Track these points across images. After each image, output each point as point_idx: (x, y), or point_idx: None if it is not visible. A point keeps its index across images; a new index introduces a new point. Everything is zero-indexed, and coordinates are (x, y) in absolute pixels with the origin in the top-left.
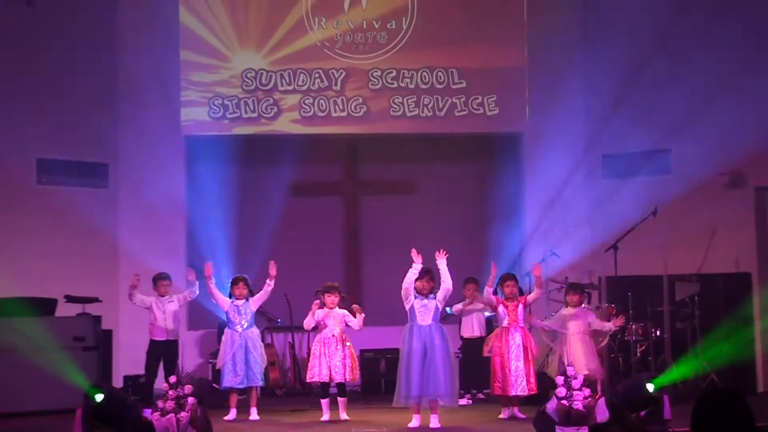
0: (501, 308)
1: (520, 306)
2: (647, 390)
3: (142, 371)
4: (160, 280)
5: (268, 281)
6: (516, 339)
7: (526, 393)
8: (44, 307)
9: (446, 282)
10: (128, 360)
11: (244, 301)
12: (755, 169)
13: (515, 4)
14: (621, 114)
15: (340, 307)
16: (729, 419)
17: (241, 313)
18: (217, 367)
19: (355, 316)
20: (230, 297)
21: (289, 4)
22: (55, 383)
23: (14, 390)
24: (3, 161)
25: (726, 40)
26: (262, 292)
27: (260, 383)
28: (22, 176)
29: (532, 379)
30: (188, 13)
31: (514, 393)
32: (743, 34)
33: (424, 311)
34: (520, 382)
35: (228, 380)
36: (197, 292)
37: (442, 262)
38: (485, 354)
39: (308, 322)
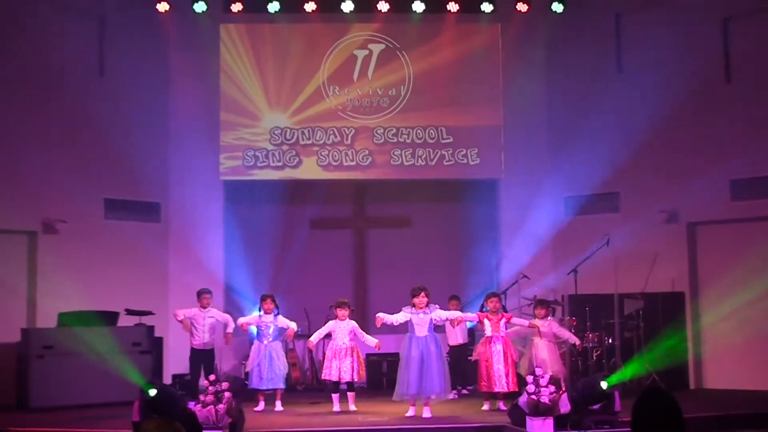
0: (486, 321)
1: (503, 320)
2: (601, 387)
3: (187, 371)
4: (203, 294)
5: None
6: (498, 346)
7: (506, 390)
8: (109, 318)
9: (449, 315)
10: (176, 362)
11: (271, 317)
12: (687, 209)
13: (493, 75)
14: (579, 164)
15: (350, 319)
16: (661, 413)
17: (268, 329)
18: (245, 371)
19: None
20: (259, 310)
21: (309, 76)
22: (118, 380)
23: (85, 385)
24: (77, 201)
25: (660, 105)
26: (292, 327)
27: (281, 386)
28: (92, 213)
29: (511, 379)
30: (228, 82)
31: (497, 390)
32: (673, 99)
33: (420, 324)
34: (501, 381)
35: (254, 383)
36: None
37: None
38: (473, 359)
39: (314, 338)
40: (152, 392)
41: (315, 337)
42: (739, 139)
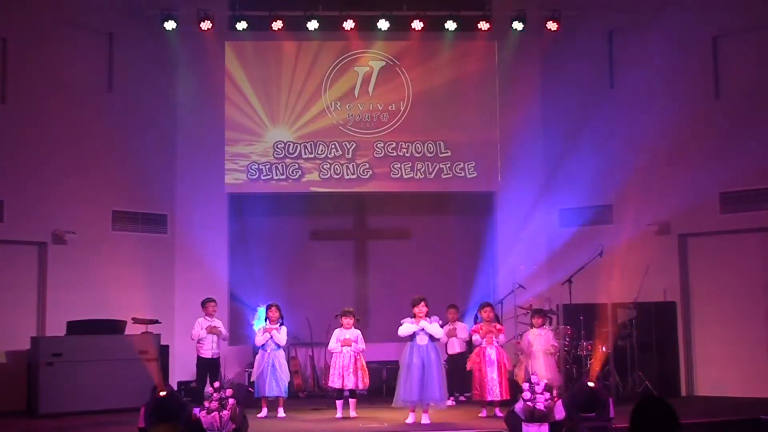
0: (480, 331)
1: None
2: (588, 386)
3: (192, 379)
4: (208, 303)
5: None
6: (492, 356)
7: (498, 398)
8: (116, 327)
9: (437, 334)
10: (181, 369)
11: (277, 325)
12: (678, 221)
13: (489, 91)
14: (573, 177)
15: (355, 327)
16: (659, 419)
17: (271, 339)
18: (251, 379)
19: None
20: (265, 319)
21: (311, 92)
22: (125, 387)
23: (93, 392)
24: (86, 213)
25: (651, 120)
26: (287, 339)
27: (283, 395)
28: (101, 224)
29: (504, 387)
30: (233, 98)
31: (489, 398)
32: (664, 114)
33: (422, 333)
34: (494, 389)
35: (259, 391)
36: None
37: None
38: (468, 368)
39: (332, 347)
40: (162, 393)
41: (333, 345)
42: (728, 153)
